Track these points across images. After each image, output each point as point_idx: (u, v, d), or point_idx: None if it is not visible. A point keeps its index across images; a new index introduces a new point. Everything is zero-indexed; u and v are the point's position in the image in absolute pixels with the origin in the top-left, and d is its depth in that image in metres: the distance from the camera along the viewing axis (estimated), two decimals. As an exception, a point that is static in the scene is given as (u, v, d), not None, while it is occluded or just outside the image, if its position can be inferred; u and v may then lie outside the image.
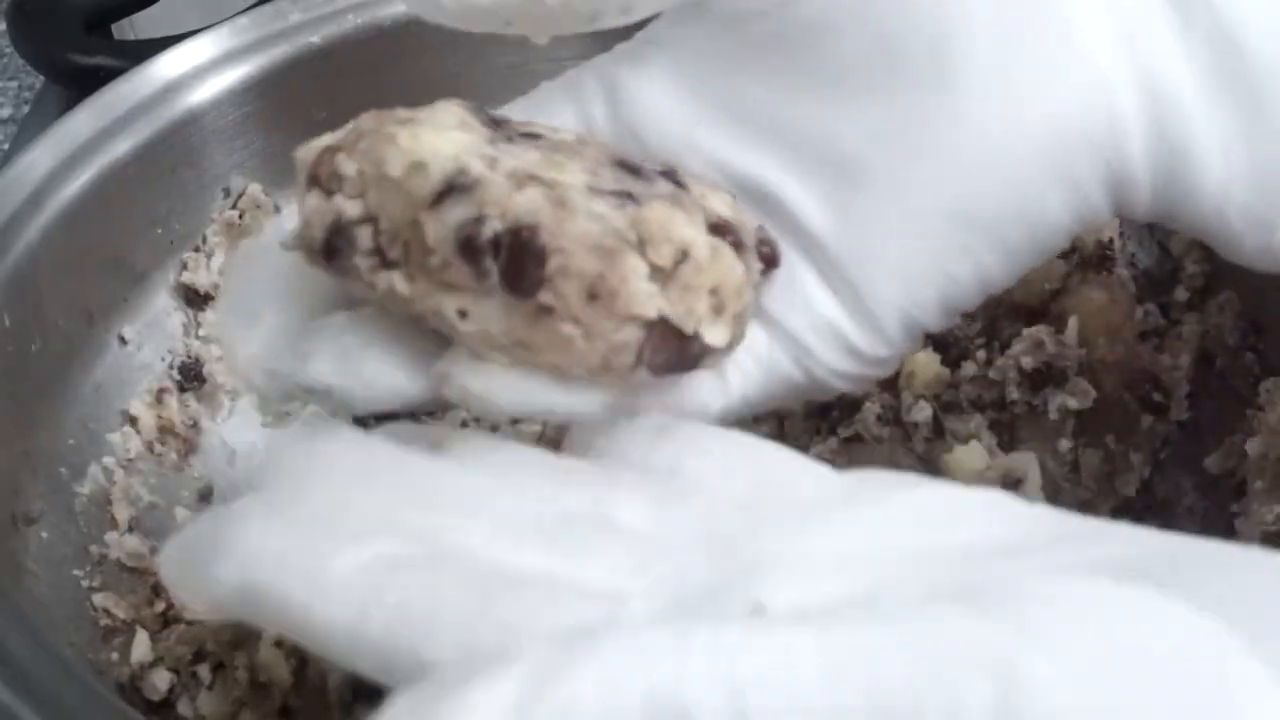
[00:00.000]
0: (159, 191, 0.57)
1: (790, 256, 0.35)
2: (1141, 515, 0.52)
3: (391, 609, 0.25)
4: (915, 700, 0.22)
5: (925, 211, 0.34)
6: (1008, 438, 0.55)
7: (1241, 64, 0.33)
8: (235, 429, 0.57)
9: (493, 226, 0.30)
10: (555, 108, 0.37)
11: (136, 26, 0.74)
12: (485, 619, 0.25)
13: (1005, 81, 0.33)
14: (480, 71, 0.61)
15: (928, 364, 0.56)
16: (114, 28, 0.73)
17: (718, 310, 0.32)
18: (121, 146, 0.55)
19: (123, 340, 0.56)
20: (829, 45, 0.34)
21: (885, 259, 0.34)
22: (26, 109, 0.74)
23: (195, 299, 0.58)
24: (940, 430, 0.55)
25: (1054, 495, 0.53)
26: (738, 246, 0.33)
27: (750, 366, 0.36)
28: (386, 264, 0.32)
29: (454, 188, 0.31)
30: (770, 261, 0.34)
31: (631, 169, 0.33)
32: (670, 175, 0.34)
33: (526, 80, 0.63)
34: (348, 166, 0.32)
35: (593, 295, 0.30)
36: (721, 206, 0.33)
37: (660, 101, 0.36)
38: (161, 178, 0.57)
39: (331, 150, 0.33)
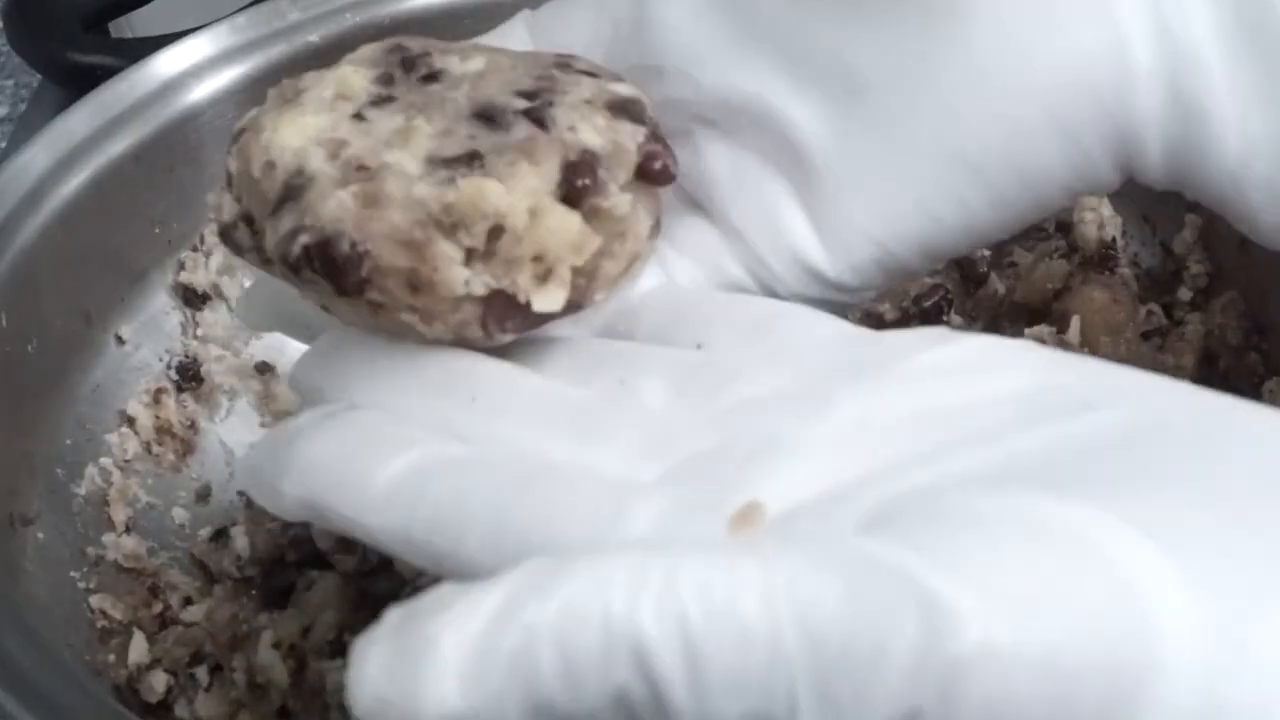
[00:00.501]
0: (157, 191, 0.57)
1: (768, 172, 0.35)
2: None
3: (427, 517, 0.28)
4: (846, 636, 0.23)
5: (916, 143, 0.33)
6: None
7: (1270, 22, 0.31)
8: (233, 429, 0.57)
9: (302, 241, 0.31)
10: (582, 10, 0.38)
11: (134, 25, 0.74)
12: (505, 523, 0.28)
13: (1013, 19, 0.32)
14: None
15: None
16: (111, 26, 0.73)
17: (544, 276, 0.32)
18: (119, 145, 0.55)
19: (120, 340, 0.55)
20: None
21: (869, 185, 0.34)
22: (23, 107, 0.73)
23: (193, 299, 0.57)
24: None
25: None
26: (589, 185, 0.32)
27: (697, 273, 0.36)
28: (266, 261, 0.34)
29: (289, 191, 0.32)
30: (658, 178, 0.34)
31: (489, 118, 0.33)
32: (537, 110, 0.33)
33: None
34: (231, 163, 0.34)
35: (414, 287, 0.31)
36: (590, 134, 0.33)
37: (679, 8, 0.36)
38: (159, 177, 0.56)
39: (236, 135, 0.35)
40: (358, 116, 0.33)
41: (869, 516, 0.25)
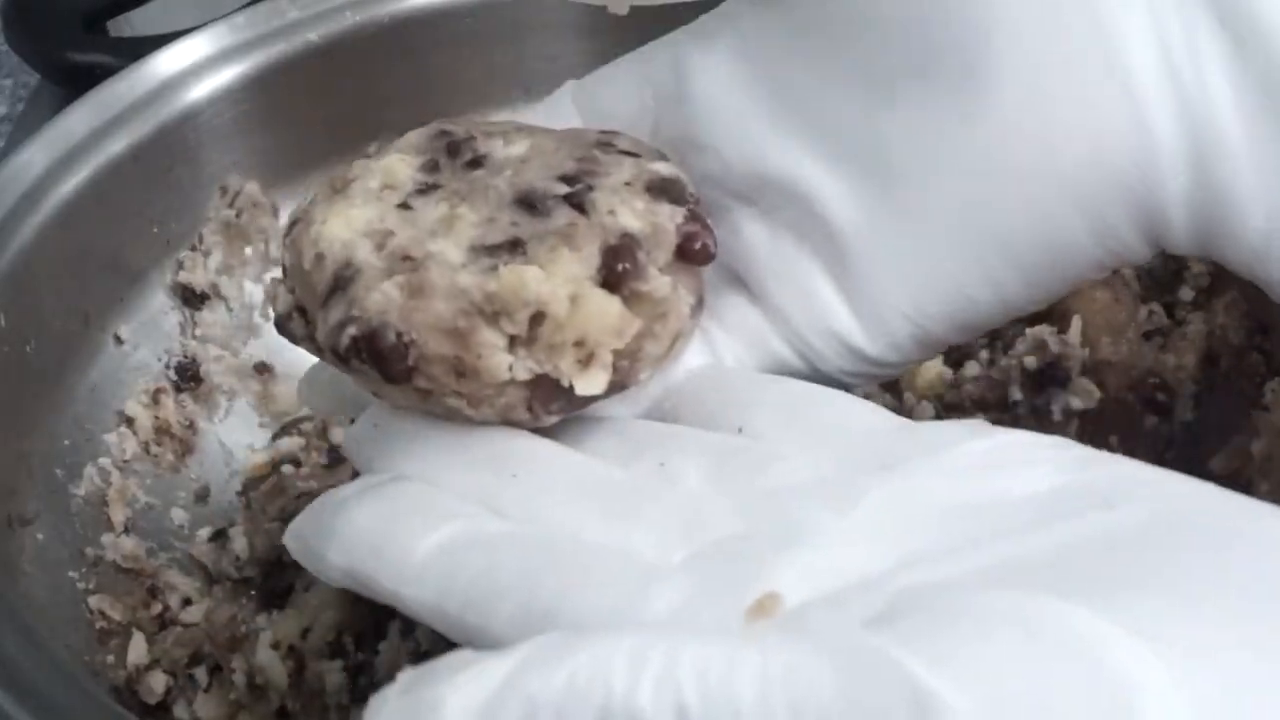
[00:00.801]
0: (155, 190, 0.56)
1: (804, 251, 0.35)
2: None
3: (461, 590, 0.29)
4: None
5: (947, 225, 0.34)
6: (1011, 438, 0.55)
7: None
8: (232, 430, 0.57)
9: (350, 333, 0.32)
10: (626, 83, 0.38)
11: (133, 24, 0.74)
12: (533, 599, 0.28)
13: (1038, 104, 0.32)
14: (478, 68, 0.61)
15: (930, 364, 0.56)
16: (110, 25, 0.72)
17: (587, 360, 0.32)
18: (118, 145, 0.55)
19: (119, 340, 0.55)
20: (872, 38, 0.34)
21: (902, 265, 0.34)
22: (22, 107, 0.73)
23: (192, 299, 0.57)
24: (943, 431, 0.55)
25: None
26: (629, 270, 0.32)
27: (743, 352, 0.36)
28: (319, 350, 0.35)
29: (338, 283, 0.33)
30: (697, 257, 0.34)
31: (531, 204, 0.33)
32: (577, 196, 0.34)
33: (525, 77, 0.64)
34: (285, 255, 0.35)
35: (459, 373, 0.32)
36: (629, 217, 0.33)
37: (718, 84, 0.36)
38: (158, 176, 0.56)
39: (289, 227, 0.35)
40: (404, 205, 0.34)
41: (879, 610, 0.25)
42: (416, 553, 0.30)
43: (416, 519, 0.31)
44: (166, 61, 0.57)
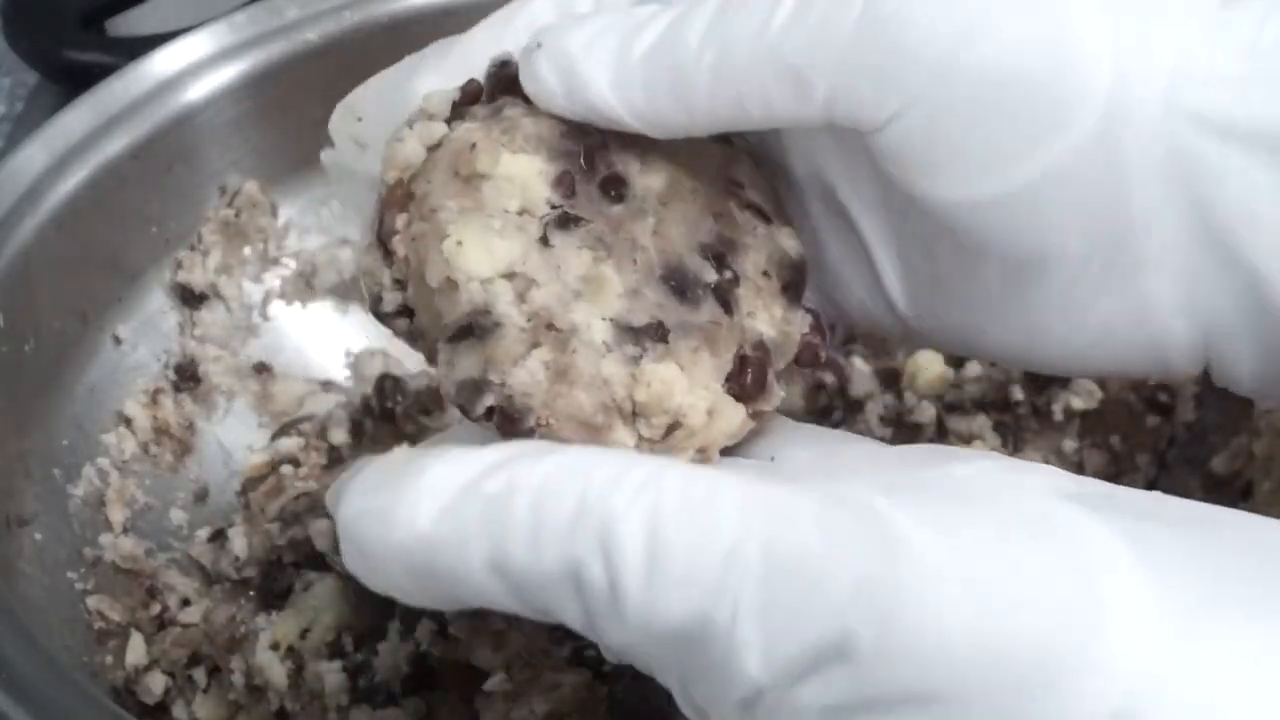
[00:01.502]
0: (154, 189, 0.56)
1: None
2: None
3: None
4: (804, 551, 0.24)
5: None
6: (1012, 438, 0.55)
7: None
8: (231, 430, 0.57)
9: (486, 402, 0.31)
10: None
11: (132, 23, 0.74)
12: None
13: (1079, 313, 0.33)
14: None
15: (931, 364, 0.56)
16: (109, 24, 0.72)
17: (701, 456, 0.32)
18: (116, 144, 0.55)
19: (117, 340, 0.55)
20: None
21: None
22: (21, 106, 0.73)
23: (191, 298, 0.57)
24: (944, 431, 0.55)
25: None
26: (760, 389, 0.33)
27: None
28: (415, 339, 0.34)
29: (472, 329, 0.32)
30: (809, 363, 0.35)
31: (679, 287, 0.33)
32: (724, 289, 0.33)
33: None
34: (399, 246, 0.33)
35: None
36: (766, 325, 0.34)
37: None
38: (157, 176, 0.56)
39: (403, 188, 0.34)
40: (544, 240, 0.33)
41: (874, 487, 0.26)
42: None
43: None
44: (165, 61, 0.57)
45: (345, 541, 0.28)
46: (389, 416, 0.56)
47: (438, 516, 0.26)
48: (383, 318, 0.34)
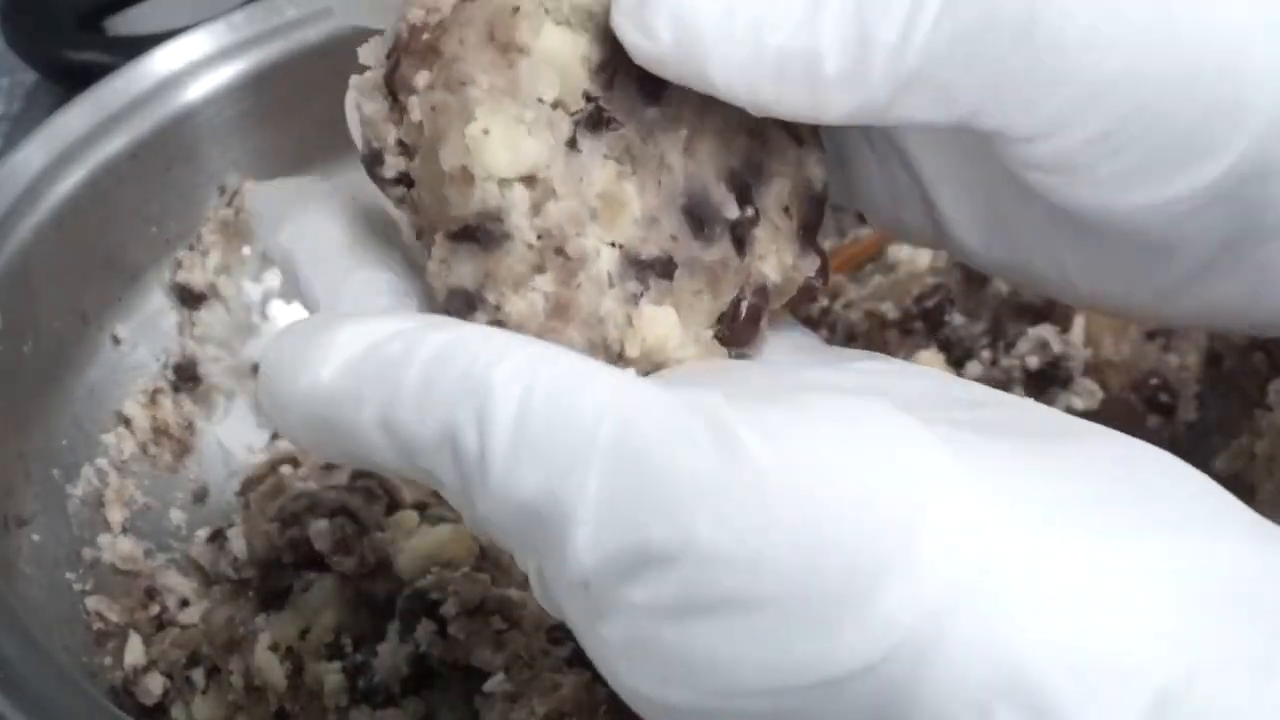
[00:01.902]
0: (153, 189, 0.56)
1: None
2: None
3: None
4: (651, 457, 0.25)
5: None
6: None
7: None
8: (230, 430, 0.57)
9: (479, 319, 0.30)
10: None
11: (131, 22, 0.74)
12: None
13: (1190, 286, 0.33)
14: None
15: (932, 363, 0.55)
16: (107, 23, 0.72)
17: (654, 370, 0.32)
18: (115, 144, 0.55)
19: (116, 340, 0.55)
20: None
21: None
22: (19, 105, 0.73)
23: (190, 298, 0.57)
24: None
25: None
26: (748, 334, 0.32)
27: None
28: (402, 204, 0.32)
29: (480, 231, 0.30)
30: (805, 302, 0.34)
31: (699, 220, 0.32)
32: (741, 228, 0.32)
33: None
34: (414, 108, 0.31)
35: None
36: (773, 270, 0.33)
37: None
38: (156, 175, 0.56)
39: (429, 36, 0.31)
40: (572, 144, 0.31)
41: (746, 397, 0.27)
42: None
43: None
44: (164, 60, 0.57)
45: (260, 387, 0.30)
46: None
47: (339, 372, 0.28)
48: (377, 179, 0.32)
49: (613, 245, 0.31)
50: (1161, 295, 0.33)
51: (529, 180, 0.30)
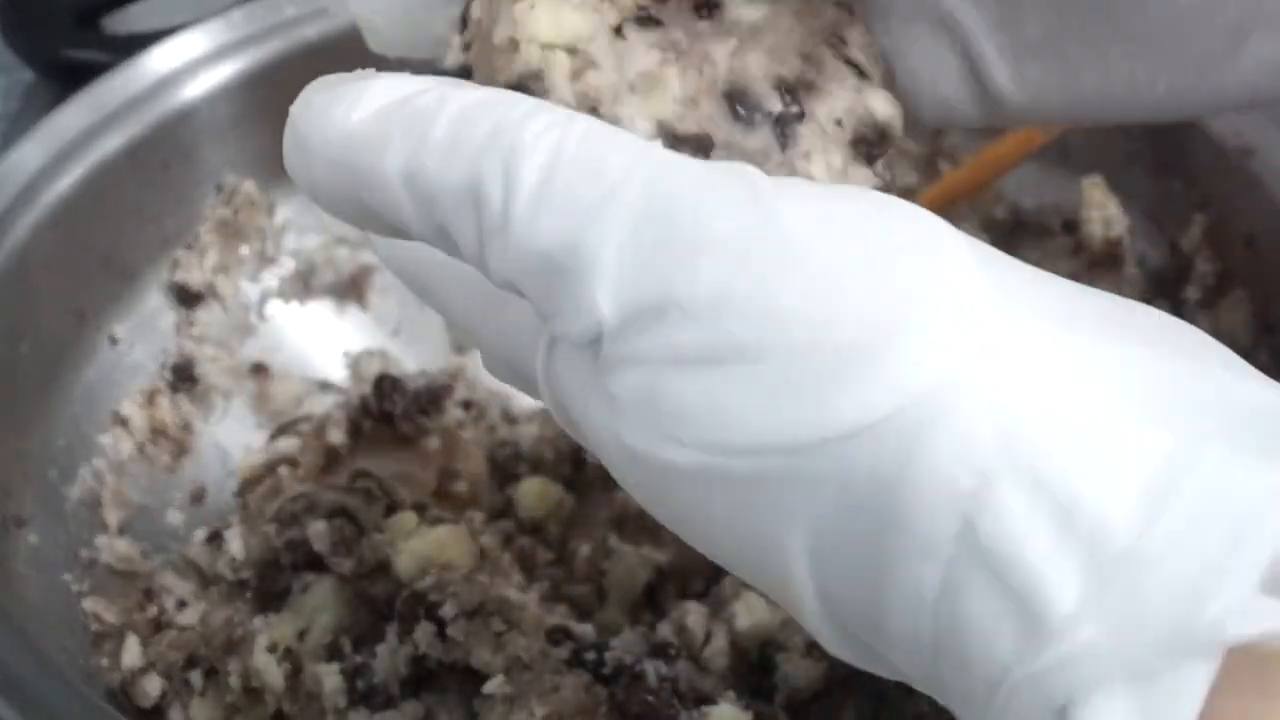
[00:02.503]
0: (151, 188, 0.56)
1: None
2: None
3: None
4: (682, 206, 0.25)
5: None
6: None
7: None
8: (228, 430, 0.57)
9: None
10: None
11: (128, 20, 0.74)
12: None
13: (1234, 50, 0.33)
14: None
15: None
16: (105, 21, 0.72)
17: None
18: (113, 142, 0.55)
19: (113, 340, 0.55)
20: None
21: None
22: (16, 104, 0.73)
23: (188, 298, 0.57)
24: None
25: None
26: None
27: None
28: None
29: (520, 91, 0.31)
30: None
31: (739, 107, 0.32)
32: (785, 122, 0.32)
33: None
34: (475, 8, 0.33)
35: None
36: (820, 170, 0.32)
37: None
38: (154, 174, 0.56)
39: None
40: (617, 31, 0.32)
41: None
42: None
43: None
44: (162, 58, 0.57)
45: (287, 133, 0.30)
46: (387, 417, 0.56)
47: (369, 117, 0.28)
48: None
49: (648, 119, 0.31)
50: (1209, 60, 0.33)
51: (571, 50, 0.31)
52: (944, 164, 0.61)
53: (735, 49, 0.33)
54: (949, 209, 0.60)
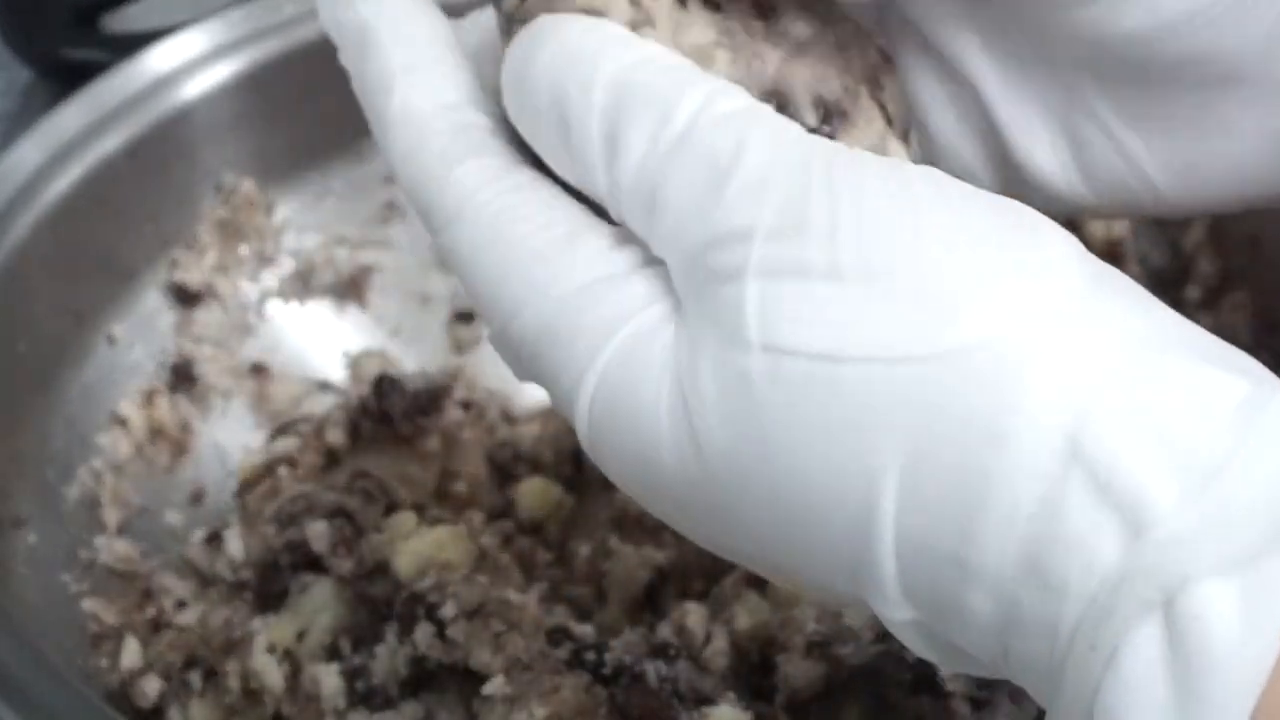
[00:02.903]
0: (150, 188, 0.56)
1: None
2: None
3: None
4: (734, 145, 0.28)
5: None
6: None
7: None
8: (227, 431, 0.57)
9: None
10: None
11: (127, 19, 0.74)
12: None
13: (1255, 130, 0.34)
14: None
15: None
16: (103, 20, 0.72)
17: None
18: (112, 142, 0.55)
19: (112, 340, 0.55)
20: None
21: None
22: (15, 103, 0.73)
23: (186, 297, 0.57)
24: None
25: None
26: None
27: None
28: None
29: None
30: None
31: (778, 107, 0.32)
32: (819, 134, 0.33)
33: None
34: None
35: None
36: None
37: None
38: (152, 174, 0.56)
39: None
40: (682, 2, 0.32)
41: None
42: None
43: None
44: (161, 57, 0.57)
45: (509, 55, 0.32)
46: (386, 418, 0.56)
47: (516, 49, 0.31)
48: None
49: None
50: (1234, 133, 0.33)
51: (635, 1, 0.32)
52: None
53: (784, 57, 0.33)
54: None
